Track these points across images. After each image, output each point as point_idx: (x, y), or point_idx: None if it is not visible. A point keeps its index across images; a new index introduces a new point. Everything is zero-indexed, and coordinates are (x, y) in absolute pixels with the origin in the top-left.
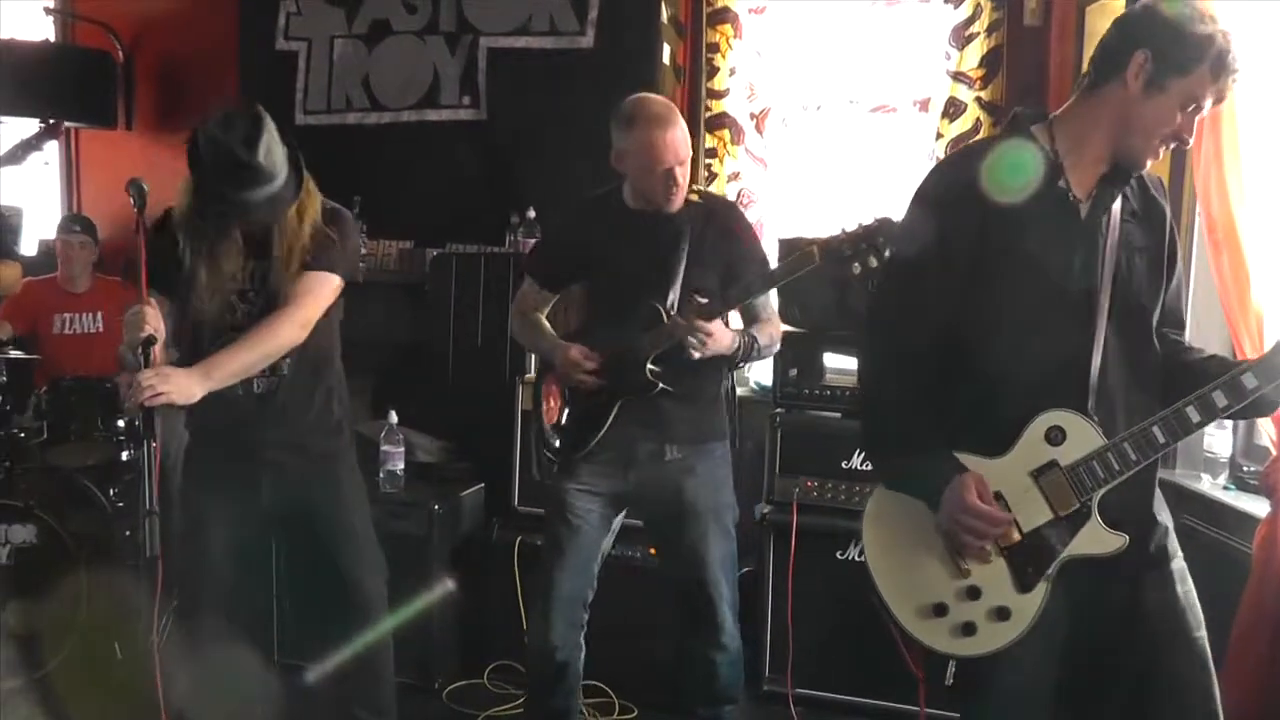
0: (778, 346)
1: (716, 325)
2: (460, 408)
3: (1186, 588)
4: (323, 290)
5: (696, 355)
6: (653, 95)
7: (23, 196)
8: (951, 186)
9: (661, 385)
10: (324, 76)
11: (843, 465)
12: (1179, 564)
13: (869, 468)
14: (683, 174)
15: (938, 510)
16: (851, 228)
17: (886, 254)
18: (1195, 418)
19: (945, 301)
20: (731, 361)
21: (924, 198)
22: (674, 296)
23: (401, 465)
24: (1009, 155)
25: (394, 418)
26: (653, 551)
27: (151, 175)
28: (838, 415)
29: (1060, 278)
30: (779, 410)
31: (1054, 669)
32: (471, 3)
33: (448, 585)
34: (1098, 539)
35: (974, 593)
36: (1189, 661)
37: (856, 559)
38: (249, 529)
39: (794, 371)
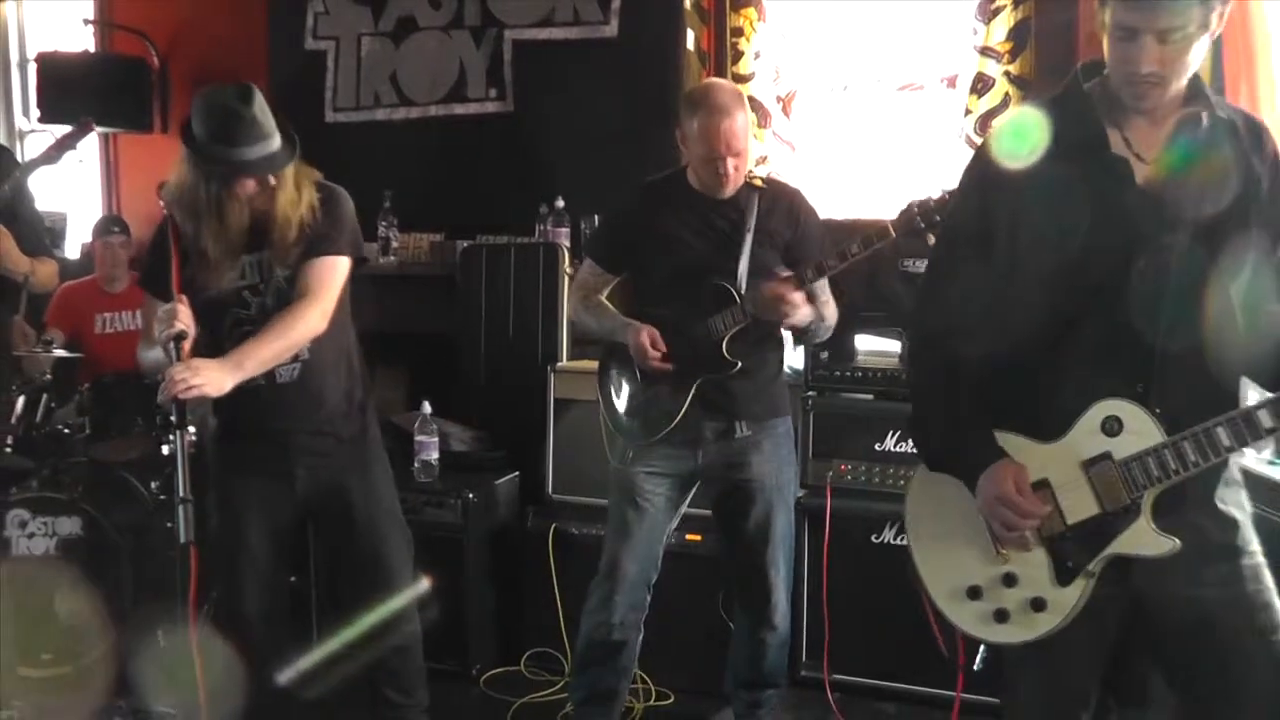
0: (833, 328)
1: (799, 296)
2: (493, 397)
3: (1259, 586)
4: (335, 276)
5: (786, 325)
6: (722, 82)
7: (65, 202)
8: (985, 166)
9: (740, 364)
10: (352, 74)
11: (876, 448)
12: (1252, 560)
13: (903, 450)
14: (735, 165)
15: (976, 494)
16: (920, 201)
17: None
18: (1269, 423)
19: (993, 276)
20: (805, 337)
21: (968, 169)
22: (743, 277)
23: (436, 455)
24: (1019, 122)
25: (428, 408)
26: (691, 538)
27: None
28: (870, 397)
29: (1114, 252)
30: (811, 393)
31: (1099, 668)
32: None
33: (421, 586)
34: (1147, 539)
35: (1010, 580)
36: (1260, 665)
37: (892, 542)
38: (283, 516)
39: (825, 354)
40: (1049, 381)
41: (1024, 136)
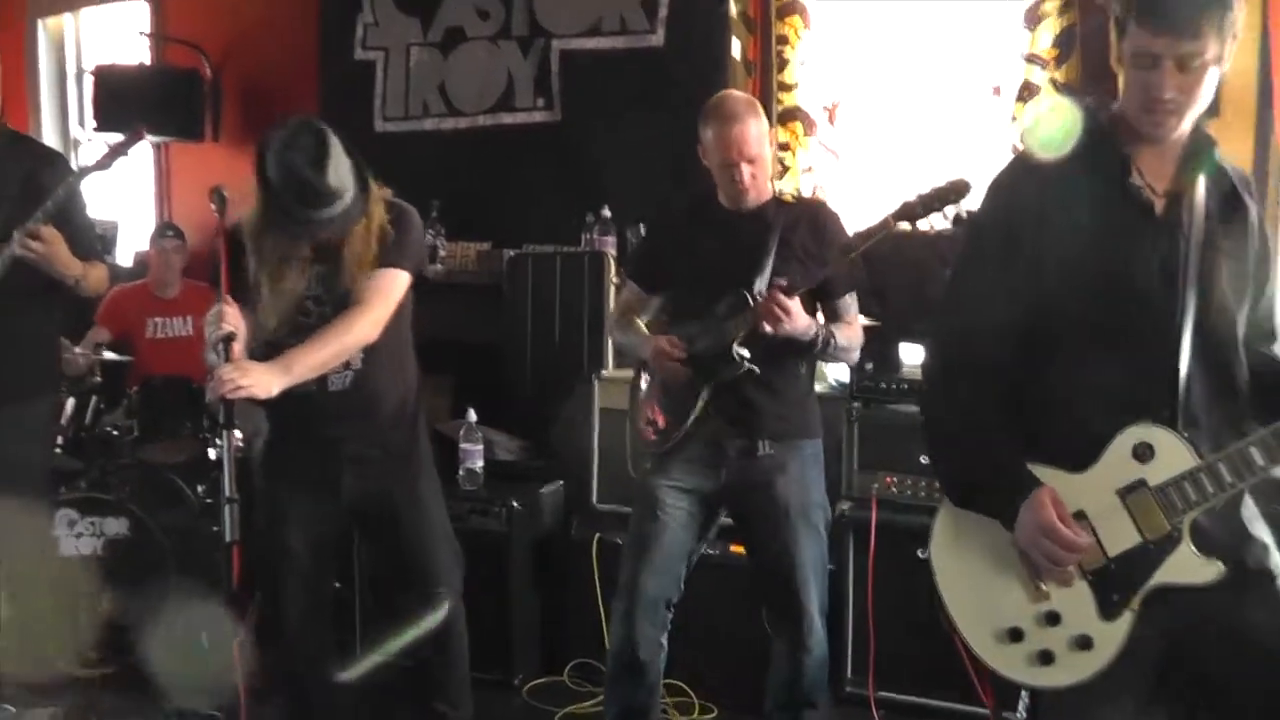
0: (856, 353)
1: (794, 305)
2: (538, 406)
3: None
4: (393, 288)
5: (771, 331)
6: (735, 92)
7: (118, 209)
8: (1014, 183)
9: (747, 365)
10: (401, 84)
11: (922, 460)
12: None
13: None
14: (751, 171)
15: (1012, 529)
16: (924, 190)
17: (963, 210)
18: None
19: (1014, 299)
20: (809, 351)
21: (990, 193)
22: (761, 286)
23: (481, 463)
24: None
25: (473, 416)
26: (734, 549)
27: (236, 184)
28: (916, 409)
29: (1136, 280)
30: (856, 404)
31: (1142, 703)
32: (543, 6)
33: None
34: (1190, 567)
35: (1053, 618)
36: None
37: None
38: (329, 524)
39: (870, 365)
40: (1074, 409)
41: (1060, 124)
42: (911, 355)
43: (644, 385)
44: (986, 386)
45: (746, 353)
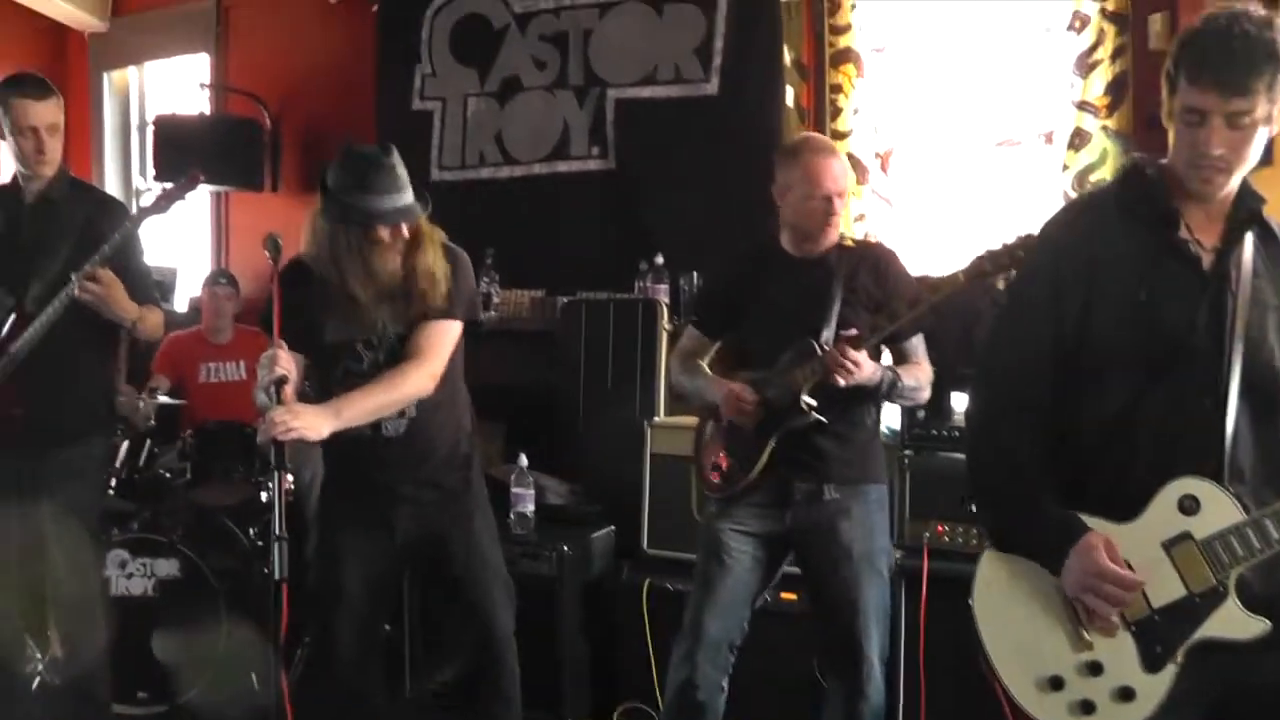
0: (926, 392)
1: (861, 356)
2: (590, 451)
3: None
4: (447, 340)
5: (841, 383)
6: (817, 134)
7: (176, 256)
8: (1064, 231)
9: (815, 416)
10: (458, 134)
11: (974, 508)
12: None
13: None
14: (840, 205)
15: (1059, 573)
16: (994, 247)
17: None
18: None
19: (1059, 349)
20: (876, 396)
21: (1040, 240)
22: (828, 334)
23: (532, 507)
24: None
25: (524, 461)
26: (785, 597)
27: (293, 233)
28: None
29: (1183, 335)
30: (907, 452)
31: None
32: (599, 56)
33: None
34: (1235, 622)
35: (1096, 668)
36: None
37: None
38: (384, 564)
39: (922, 412)
40: (1120, 460)
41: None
42: (962, 403)
43: (709, 430)
44: (1031, 431)
45: (814, 402)
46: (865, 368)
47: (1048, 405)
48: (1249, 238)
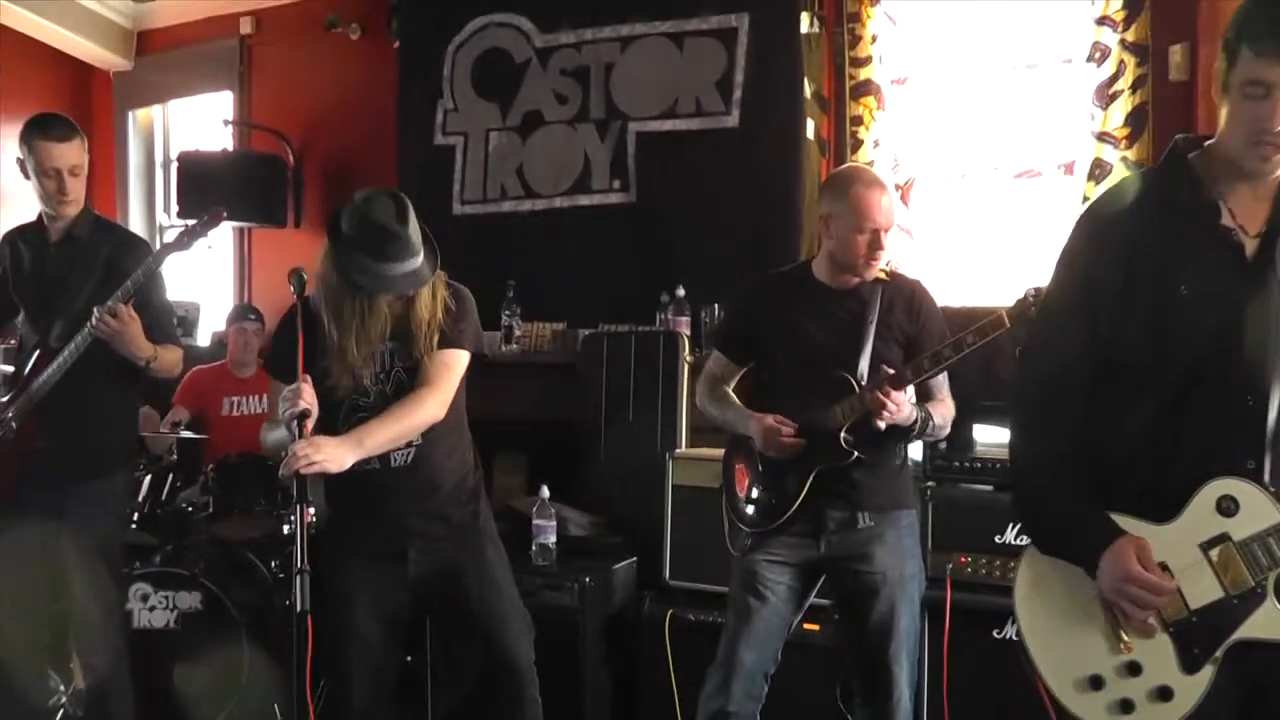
0: (948, 429)
1: (902, 397)
2: (612, 483)
3: None
4: (457, 367)
5: (881, 425)
6: (866, 166)
7: (199, 291)
8: (1098, 223)
9: (857, 454)
10: (480, 168)
11: (996, 540)
12: None
13: (1023, 543)
14: (886, 240)
15: (1095, 576)
16: (1035, 290)
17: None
18: None
19: (1096, 346)
20: (909, 435)
21: (1073, 236)
22: (864, 368)
23: (553, 539)
24: (1122, 187)
25: (546, 492)
26: (809, 627)
27: (315, 268)
28: (989, 488)
29: (1225, 326)
30: (930, 484)
31: None
32: (620, 89)
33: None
34: (1274, 622)
35: (1134, 669)
36: None
37: (1013, 638)
38: (395, 600)
39: (944, 444)
40: (1158, 460)
41: (1122, 198)
42: (984, 435)
43: (739, 463)
44: (1069, 431)
45: (853, 438)
46: (904, 407)
47: (1085, 404)
48: None
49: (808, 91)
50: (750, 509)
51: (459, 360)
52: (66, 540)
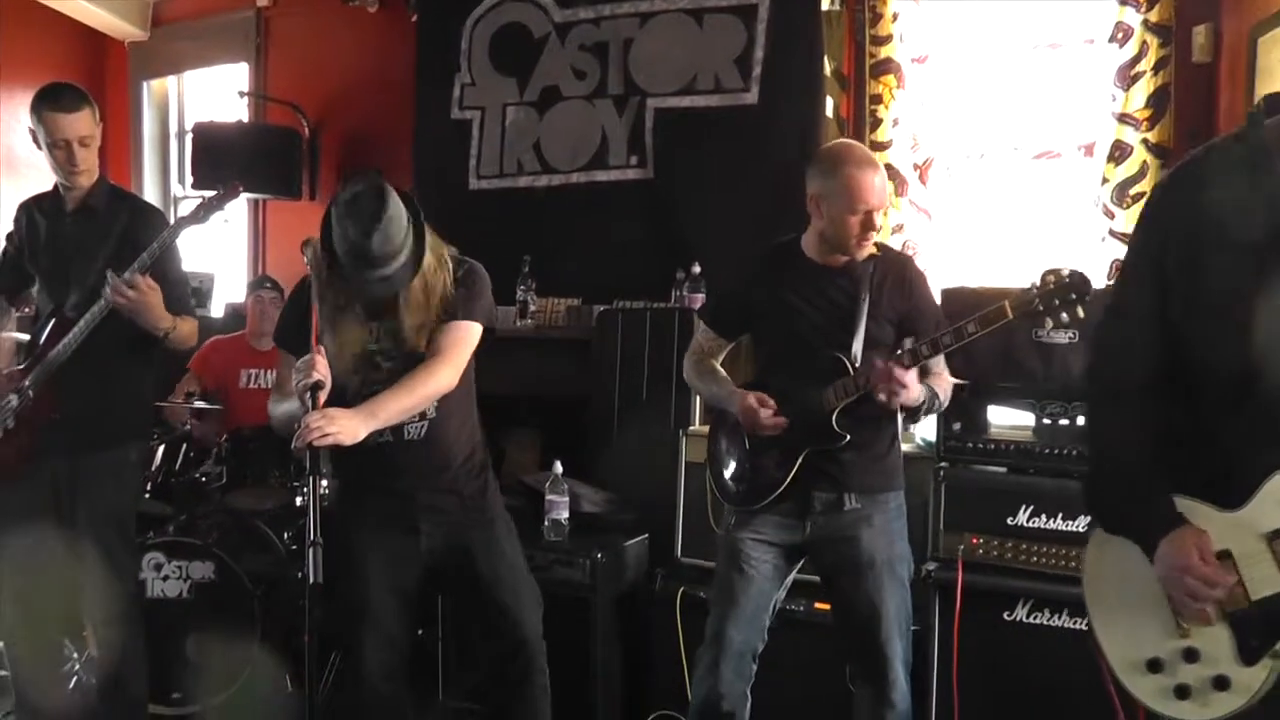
0: (947, 402)
1: (910, 376)
2: (625, 459)
3: None
4: (468, 338)
5: (892, 404)
6: (855, 142)
7: (214, 263)
8: (1172, 190)
9: (849, 437)
10: (496, 143)
11: (1009, 522)
12: None
13: (1035, 525)
14: (879, 221)
15: (1153, 561)
16: (1040, 281)
17: (1080, 311)
18: None
19: (1165, 323)
20: (916, 414)
21: (1143, 211)
22: (857, 349)
23: (566, 515)
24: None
25: (559, 468)
26: (818, 606)
27: None
28: (1003, 470)
29: None
30: (943, 465)
31: None
32: (638, 65)
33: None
34: None
35: (1191, 655)
36: None
37: (1025, 620)
38: (408, 573)
39: (958, 425)
40: (1229, 445)
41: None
42: (998, 416)
43: (725, 439)
44: (1138, 411)
45: (845, 420)
46: (913, 388)
47: (1156, 383)
48: None
49: (828, 69)
50: (736, 486)
51: (470, 332)
52: (81, 510)
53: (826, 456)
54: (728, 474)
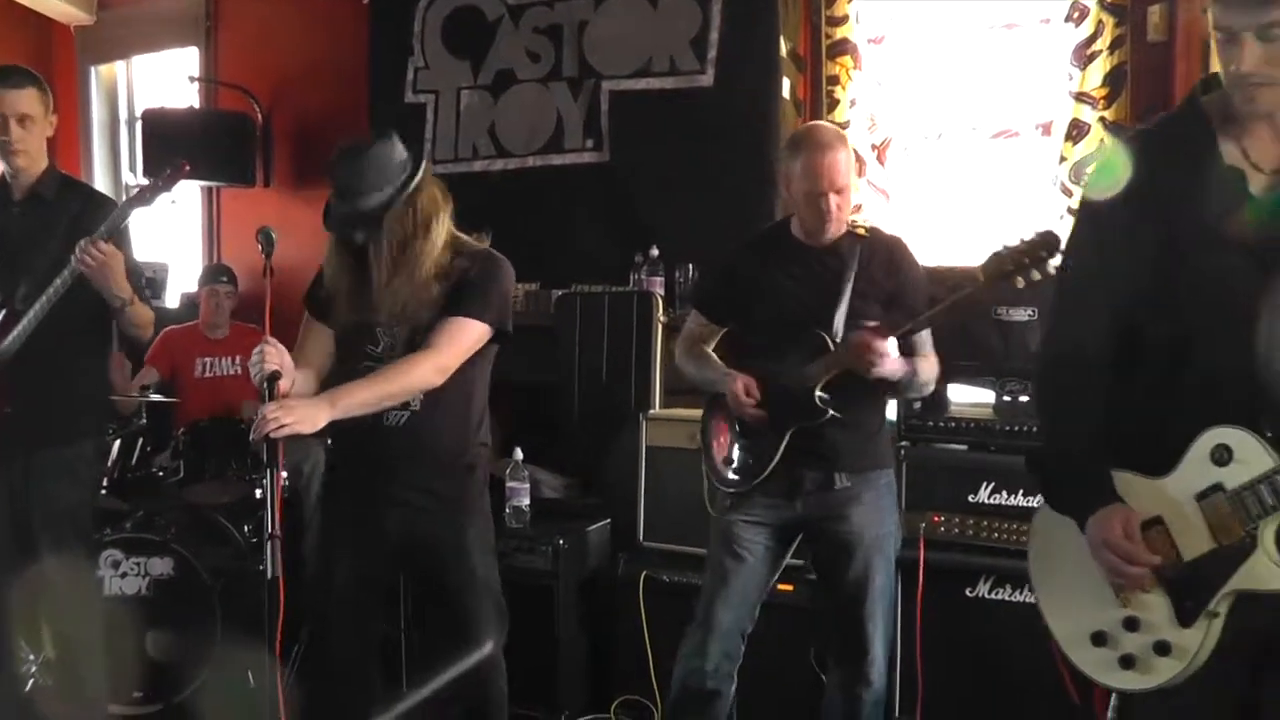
0: (933, 386)
1: (888, 347)
2: (585, 444)
3: None
4: (466, 337)
5: (871, 375)
6: (824, 123)
7: (167, 252)
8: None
9: (831, 412)
10: (451, 127)
11: (970, 499)
12: None
13: (996, 502)
14: (838, 202)
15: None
16: (1012, 244)
17: (1050, 267)
18: None
19: (1113, 291)
20: (896, 390)
21: (1088, 185)
22: (839, 326)
23: (527, 501)
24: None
25: (519, 454)
26: (783, 588)
27: (287, 228)
28: (964, 448)
29: (1223, 269)
30: (904, 444)
31: (1231, 710)
32: (593, 47)
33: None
34: (1265, 573)
35: (1132, 624)
36: None
37: (986, 596)
38: (374, 564)
39: (919, 404)
40: (1159, 412)
41: (1110, 172)
42: (958, 394)
43: (717, 422)
44: (1081, 386)
45: (827, 397)
46: (891, 360)
47: (1100, 359)
48: None
49: (783, 50)
50: (728, 469)
51: (468, 330)
52: (34, 508)
53: (816, 436)
54: (720, 457)
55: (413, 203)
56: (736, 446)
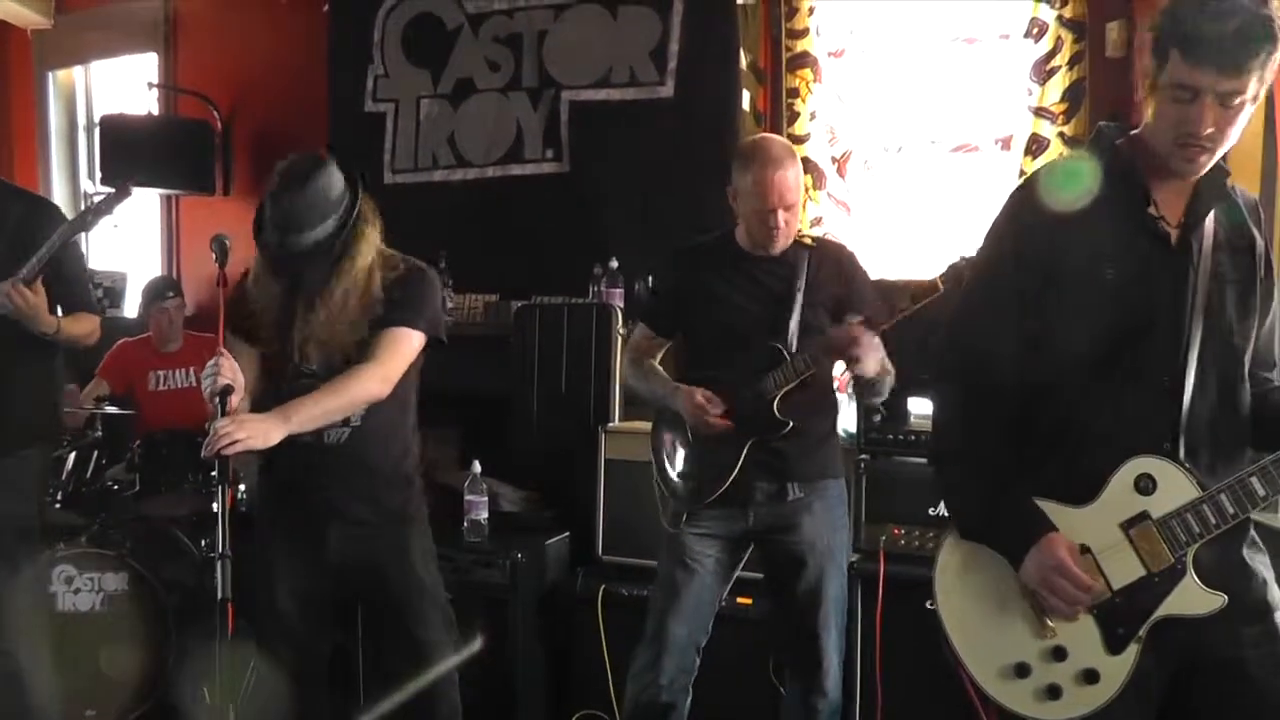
0: (888, 392)
1: (874, 339)
2: (544, 457)
3: None
4: (405, 346)
5: (855, 370)
6: (774, 136)
7: (126, 261)
8: (1023, 209)
9: (792, 424)
10: (411, 136)
11: (930, 512)
12: None
13: None
14: (786, 218)
15: (1020, 568)
16: (971, 255)
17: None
18: None
19: (1019, 331)
20: (867, 389)
21: (996, 221)
22: (792, 335)
23: (485, 515)
24: (1066, 169)
25: (478, 467)
26: (742, 601)
27: (246, 237)
28: (923, 461)
29: (1146, 310)
30: (864, 456)
31: None
32: (553, 58)
33: (475, 644)
34: (1194, 598)
35: (1060, 653)
36: None
37: None
38: (315, 582)
39: (878, 416)
40: (1077, 441)
41: (1075, 180)
42: (918, 407)
43: (668, 436)
44: (997, 417)
45: (785, 409)
46: (875, 355)
47: (1011, 391)
48: (1213, 211)
49: (744, 63)
50: (682, 483)
51: (407, 340)
52: None
53: (769, 447)
54: (673, 472)
55: (352, 234)
56: (690, 459)
